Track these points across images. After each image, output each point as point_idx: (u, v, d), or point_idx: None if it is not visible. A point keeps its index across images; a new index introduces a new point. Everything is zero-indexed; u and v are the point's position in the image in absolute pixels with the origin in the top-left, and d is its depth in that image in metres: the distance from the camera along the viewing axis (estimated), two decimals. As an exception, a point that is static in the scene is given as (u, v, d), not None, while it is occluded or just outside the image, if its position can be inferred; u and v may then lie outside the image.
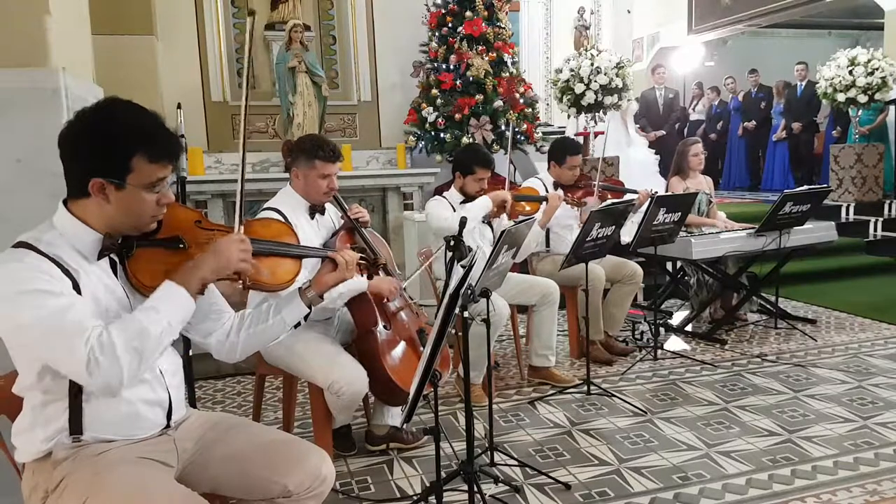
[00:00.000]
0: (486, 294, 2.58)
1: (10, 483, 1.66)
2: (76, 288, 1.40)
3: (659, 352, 4.15)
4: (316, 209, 2.72)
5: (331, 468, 1.69)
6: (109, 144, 1.41)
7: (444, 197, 3.61)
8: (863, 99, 6.89)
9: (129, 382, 1.39)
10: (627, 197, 4.14)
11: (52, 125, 2.19)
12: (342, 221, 2.77)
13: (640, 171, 7.04)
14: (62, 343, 1.34)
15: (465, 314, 2.24)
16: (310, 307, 1.79)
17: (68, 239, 1.45)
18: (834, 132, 8.24)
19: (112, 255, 1.50)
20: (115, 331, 1.37)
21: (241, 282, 1.57)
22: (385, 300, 2.69)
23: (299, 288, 1.79)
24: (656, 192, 4.18)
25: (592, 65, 6.19)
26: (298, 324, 1.79)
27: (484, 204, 3.45)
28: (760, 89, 9.33)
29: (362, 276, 2.47)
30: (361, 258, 1.92)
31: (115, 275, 1.51)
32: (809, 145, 9.06)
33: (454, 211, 3.51)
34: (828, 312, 5.13)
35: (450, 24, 6.04)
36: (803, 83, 8.74)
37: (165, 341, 1.44)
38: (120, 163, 1.41)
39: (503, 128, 5.92)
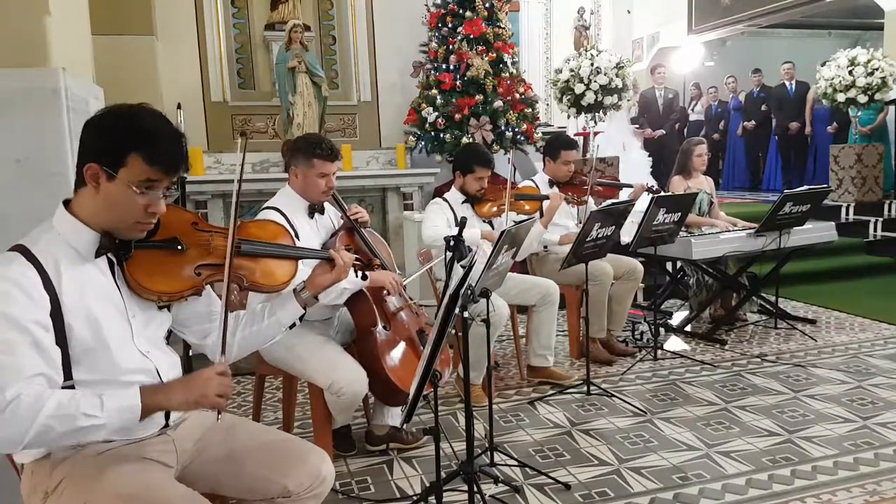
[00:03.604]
0: (486, 294, 2.58)
1: (9, 483, 1.66)
2: (55, 305, 1.38)
3: (659, 352, 4.15)
4: (315, 209, 2.72)
5: (330, 468, 1.69)
6: (113, 134, 1.42)
7: (444, 199, 3.62)
8: (863, 99, 6.89)
9: (25, 448, 1.32)
10: (623, 191, 4.15)
11: (52, 125, 2.22)
12: (341, 222, 2.78)
13: (635, 172, 7.04)
14: None
15: (465, 314, 2.24)
16: (305, 308, 1.79)
17: (66, 238, 1.45)
18: (829, 128, 8.25)
19: (110, 256, 1.50)
20: (53, 398, 1.31)
21: (218, 415, 1.49)
22: (384, 298, 2.69)
23: (294, 289, 1.79)
24: (653, 186, 4.18)
25: (592, 65, 6.20)
26: (294, 324, 1.80)
27: (475, 239, 3.46)
28: (763, 89, 9.33)
29: (357, 276, 2.47)
30: (357, 259, 1.93)
31: (114, 276, 1.51)
32: (802, 145, 9.07)
33: (453, 212, 3.52)
34: (828, 312, 5.13)
35: (450, 25, 6.04)
36: (792, 83, 8.76)
37: (80, 437, 1.36)
38: (117, 153, 1.41)
39: (503, 128, 5.91)
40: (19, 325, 1.33)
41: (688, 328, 4.69)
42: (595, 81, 6.17)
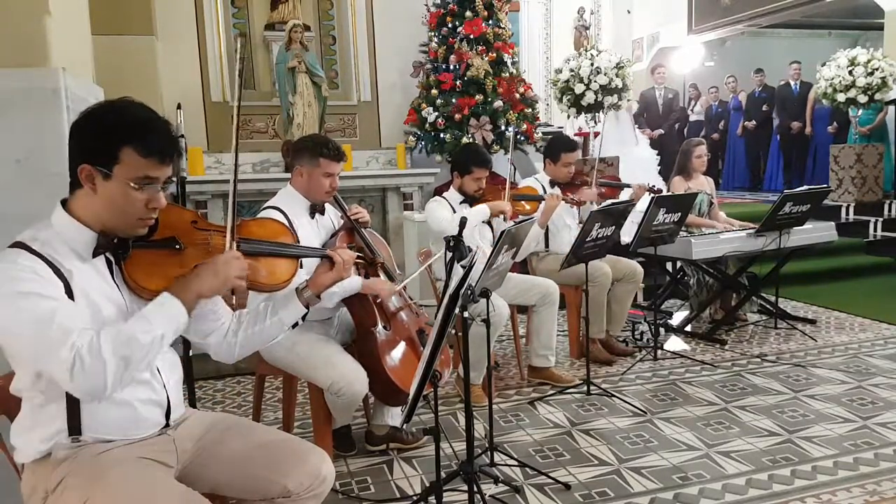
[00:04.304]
0: (486, 294, 2.58)
1: (10, 484, 1.66)
2: (68, 290, 1.40)
3: (659, 352, 4.15)
4: (316, 209, 2.72)
5: (330, 468, 1.69)
6: (102, 131, 1.42)
7: (443, 197, 3.62)
8: (863, 99, 6.89)
9: (113, 389, 1.37)
10: (624, 192, 4.15)
11: (52, 125, 2.22)
12: (341, 222, 2.78)
13: (642, 169, 7.05)
14: (47, 345, 1.33)
15: (465, 314, 2.24)
16: (307, 307, 1.79)
17: (64, 238, 1.45)
18: (829, 128, 8.25)
19: (108, 255, 1.50)
20: (104, 336, 1.36)
21: (235, 300, 1.57)
22: (380, 301, 2.69)
23: (296, 288, 1.79)
24: (654, 186, 4.18)
25: (592, 65, 6.20)
26: (296, 323, 1.80)
27: (482, 212, 3.48)
28: (765, 89, 9.33)
29: (360, 274, 2.47)
30: (359, 257, 1.93)
31: (112, 276, 1.51)
32: (803, 145, 9.07)
33: (453, 212, 3.52)
34: (828, 312, 5.13)
35: (450, 24, 6.03)
36: (797, 83, 8.76)
37: (154, 351, 1.43)
38: (109, 151, 1.41)
39: (503, 128, 5.91)
40: (48, 297, 1.35)
41: (688, 328, 4.69)
42: (595, 81, 6.17)
